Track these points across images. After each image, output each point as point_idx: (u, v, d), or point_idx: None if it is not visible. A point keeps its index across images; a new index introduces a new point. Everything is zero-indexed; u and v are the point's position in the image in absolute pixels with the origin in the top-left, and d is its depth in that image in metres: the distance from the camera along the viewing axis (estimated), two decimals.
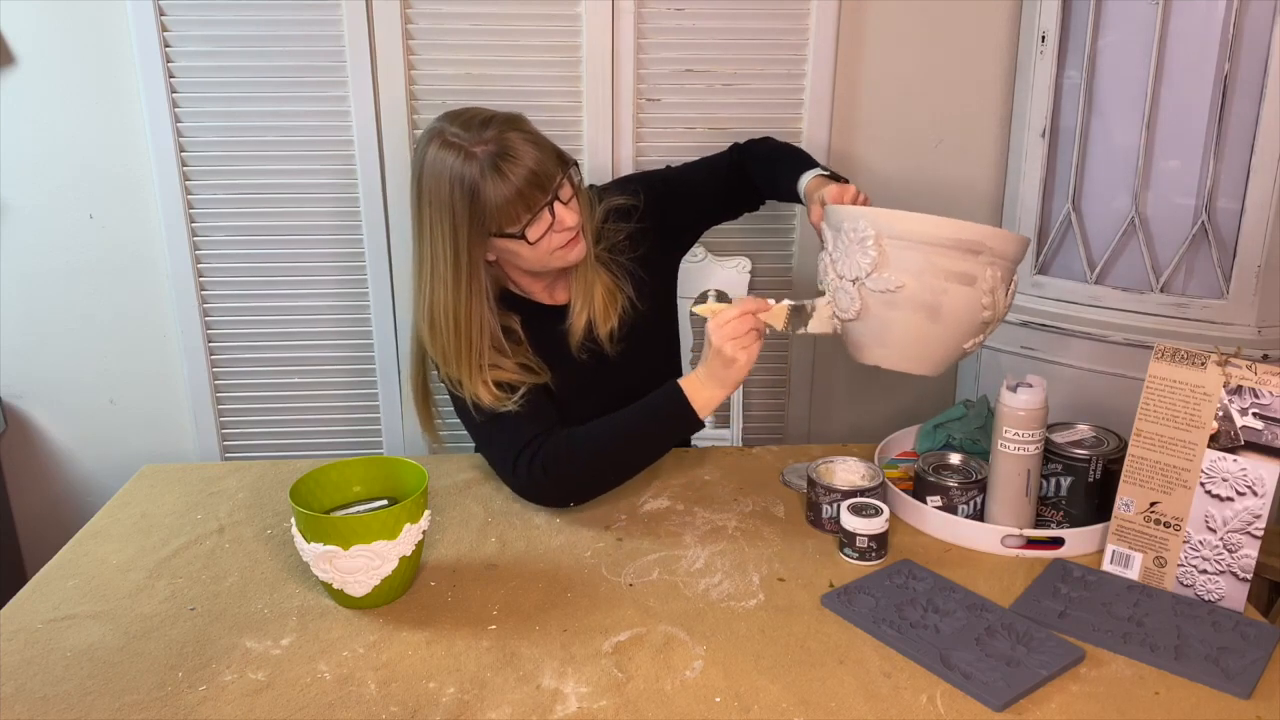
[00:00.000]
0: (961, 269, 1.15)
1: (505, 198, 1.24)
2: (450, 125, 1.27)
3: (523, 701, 0.97)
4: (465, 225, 1.26)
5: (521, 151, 1.25)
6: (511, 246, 1.30)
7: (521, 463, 1.30)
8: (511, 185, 1.24)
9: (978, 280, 1.15)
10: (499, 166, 1.23)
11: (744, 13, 1.84)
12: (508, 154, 1.24)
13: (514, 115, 1.30)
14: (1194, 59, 1.73)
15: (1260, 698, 0.97)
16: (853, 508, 1.22)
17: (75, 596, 1.16)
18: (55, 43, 1.79)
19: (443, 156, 1.25)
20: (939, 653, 1.02)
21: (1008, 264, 1.18)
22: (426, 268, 1.30)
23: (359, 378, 2.01)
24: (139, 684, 1.00)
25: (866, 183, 2.00)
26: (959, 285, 1.15)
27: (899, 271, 1.15)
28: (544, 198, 1.27)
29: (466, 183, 1.24)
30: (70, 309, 1.94)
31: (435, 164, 1.26)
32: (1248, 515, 1.09)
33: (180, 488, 1.43)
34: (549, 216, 1.28)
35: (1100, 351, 1.84)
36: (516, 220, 1.26)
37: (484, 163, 1.23)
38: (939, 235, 1.15)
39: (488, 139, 1.24)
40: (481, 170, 1.23)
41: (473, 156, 1.24)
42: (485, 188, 1.23)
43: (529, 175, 1.25)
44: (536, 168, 1.25)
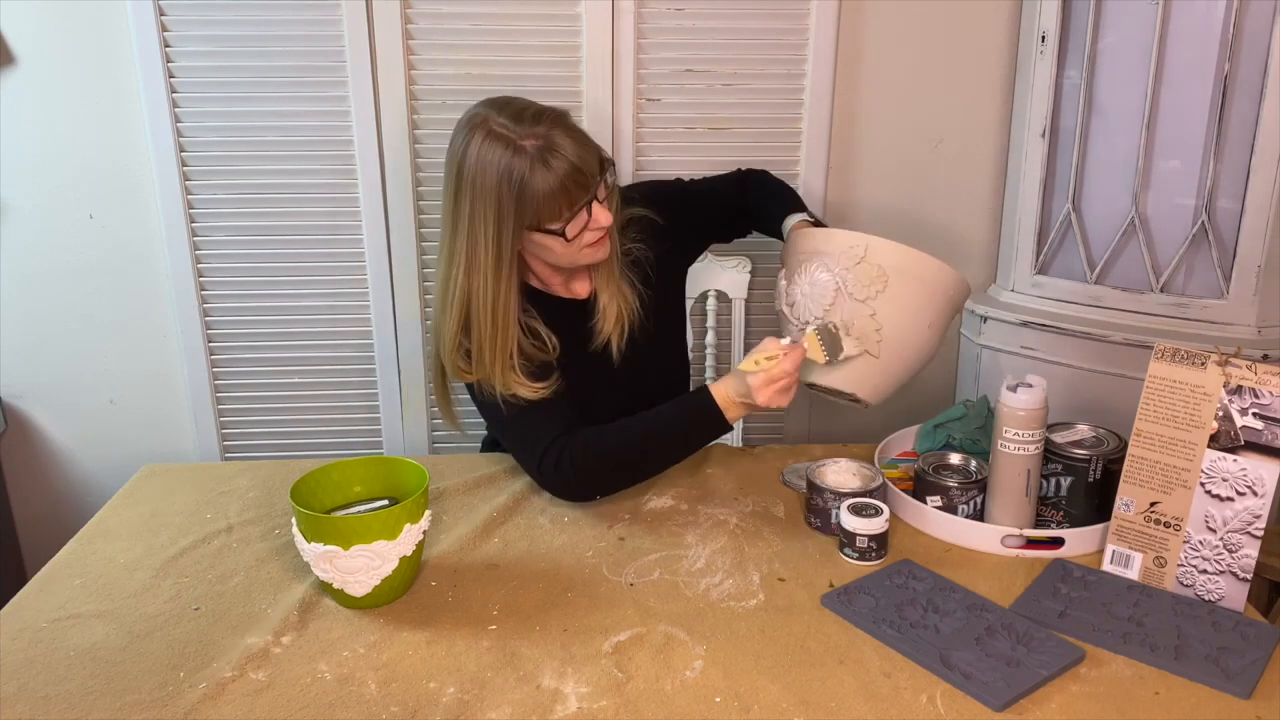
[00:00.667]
0: (911, 298, 1.24)
1: (551, 194, 1.25)
2: (497, 115, 1.27)
3: (523, 701, 0.97)
4: (510, 217, 1.26)
5: (569, 149, 1.26)
6: (546, 242, 1.30)
7: (549, 459, 1.31)
8: (558, 182, 1.25)
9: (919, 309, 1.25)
10: (548, 162, 1.24)
11: (744, 13, 1.84)
12: (556, 151, 1.25)
13: (561, 111, 1.31)
14: (1194, 59, 1.73)
15: (1260, 698, 0.97)
16: (853, 508, 1.22)
17: (80, 595, 1.16)
18: (55, 43, 1.79)
19: (490, 147, 1.25)
20: (939, 653, 1.02)
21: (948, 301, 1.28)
22: (461, 258, 1.30)
23: (359, 378, 2.01)
24: (141, 683, 1.00)
25: (866, 183, 2.00)
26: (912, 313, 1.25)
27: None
28: (585, 196, 1.28)
29: (515, 176, 1.24)
30: (70, 309, 1.94)
31: (482, 154, 1.25)
32: (1248, 515, 1.10)
33: (189, 487, 1.43)
34: (586, 215, 1.29)
35: (1100, 351, 1.84)
36: (558, 216, 1.27)
37: (533, 157, 1.24)
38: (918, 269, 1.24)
39: (538, 134, 1.25)
40: (531, 165, 1.24)
41: (522, 150, 1.24)
42: (533, 182, 1.24)
43: (574, 173, 1.26)
44: (582, 165, 1.26)
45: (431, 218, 1.92)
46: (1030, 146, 1.89)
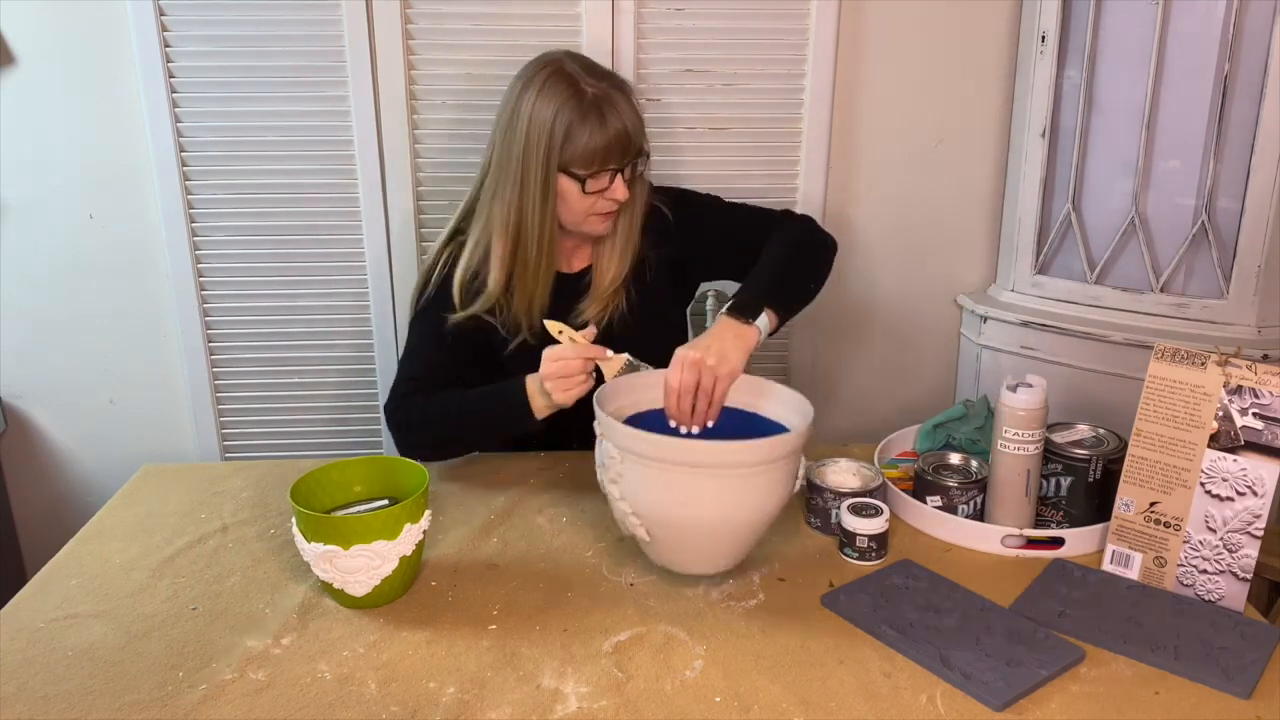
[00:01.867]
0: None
1: (590, 142, 1.33)
2: (570, 61, 1.38)
3: (523, 701, 0.97)
4: (556, 151, 1.34)
5: (622, 112, 1.35)
6: (565, 188, 1.37)
7: (390, 406, 1.42)
8: (601, 134, 1.33)
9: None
10: (601, 112, 1.33)
11: (744, 13, 1.84)
12: (612, 105, 1.34)
13: (628, 84, 1.41)
14: (1194, 59, 1.73)
15: (1260, 698, 0.97)
16: (853, 508, 1.22)
17: (78, 595, 1.16)
18: (55, 43, 1.79)
19: (556, 82, 1.34)
20: (939, 653, 1.02)
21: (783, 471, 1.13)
22: (514, 177, 1.37)
23: (359, 378, 2.01)
24: (140, 683, 1.00)
25: (866, 183, 2.00)
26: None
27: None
28: (617, 162, 1.36)
29: (568, 115, 1.33)
30: (70, 309, 1.94)
31: (547, 87, 1.35)
32: (1248, 515, 1.10)
33: (185, 487, 1.43)
34: (607, 181, 1.36)
35: (1100, 351, 1.84)
36: (588, 165, 1.35)
37: (589, 104, 1.33)
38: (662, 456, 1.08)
39: (601, 87, 1.35)
40: (584, 109, 1.33)
41: (583, 94, 1.34)
42: (580, 125, 1.33)
43: (618, 135, 1.34)
44: (629, 130, 1.35)
45: (432, 217, 1.92)
46: (1030, 146, 1.89)
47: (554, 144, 1.34)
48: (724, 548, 1.12)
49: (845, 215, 2.02)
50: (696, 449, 1.06)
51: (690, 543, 1.11)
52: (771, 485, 1.10)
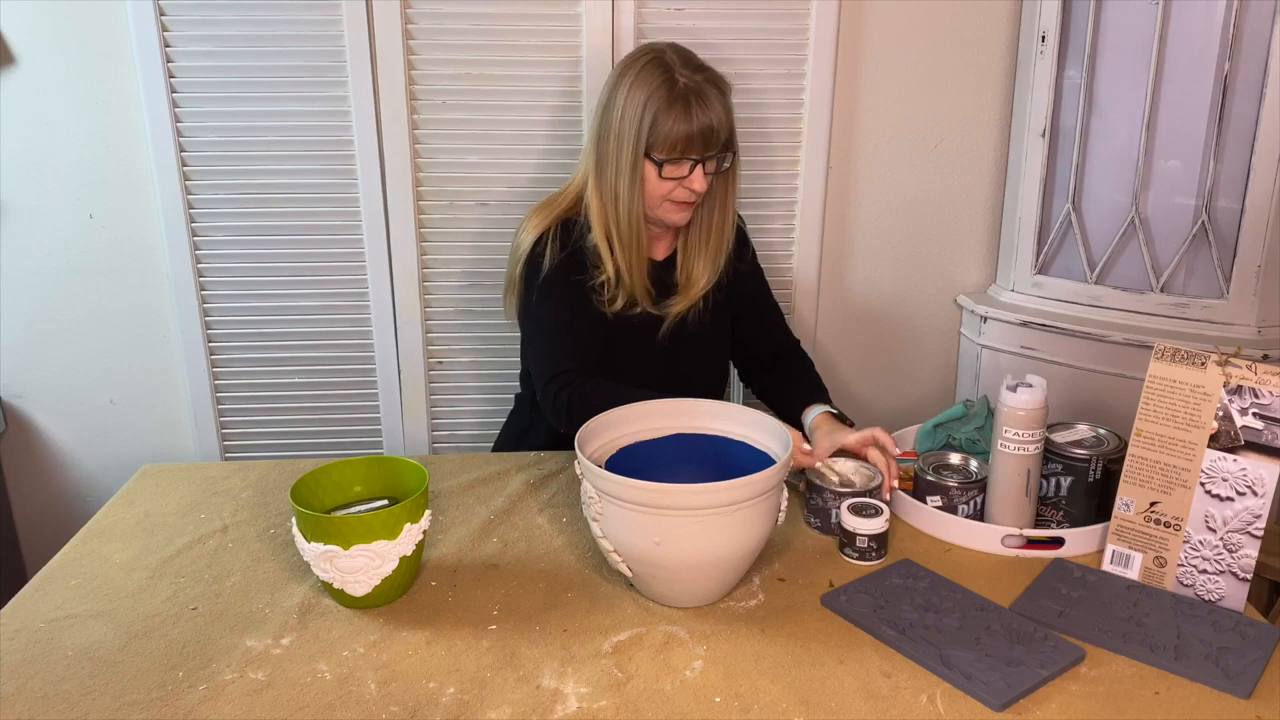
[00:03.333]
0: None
1: (673, 131, 1.37)
2: (672, 51, 1.43)
3: (523, 701, 0.97)
4: (644, 134, 1.39)
5: (711, 105, 1.39)
6: (646, 172, 1.41)
7: (553, 387, 1.44)
8: (684, 124, 1.37)
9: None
10: (689, 102, 1.38)
11: (744, 13, 1.84)
12: (701, 99, 1.38)
13: (726, 82, 1.44)
14: (1194, 59, 1.73)
15: (1260, 698, 0.97)
16: (853, 508, 1.22)
17: (77, 596, 1.16)
18: (55, 43, 1.79)
19: (655, 71, 1.40)
20: (939, 653, 1.02)
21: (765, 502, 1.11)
22: (612, 154, 1.42)
23: (359, 378, 2.00)
24: (140, 683, 1.00)
25: (866, 183, 2.00)
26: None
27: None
28: (697, 154, 1.40)
29: (657, 101, 1.38)
30: (71, 309, 1.94)
31: (646, 73, 1.40)
32: (1248, 515, 1.09)
33: (184, 487, 1.43)
34: (686, 170, 1.40)
35: (1100, 351, 1.84)
36: (666, 152, 1.39)
37: (679, 93, 1.38)
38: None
39: (694, 79, 1.39)
40: (672, 97, 1.37)
41: (675, 83, 1.38)
42: (666, 112, 1.37)
43: (703, 127, 1.38)
44: (713, 124, 1.39)
45: (432, 217, 1.92)
46: (1030, 146, 1.89)
47: (642, 127, 1.38)
48: (706, 584, 1.12)
49: (845, 215, 2.02)
50: (668, 492, 1.05)
51: (672, 580, 1.10)
52: (749, 522, 1.08)
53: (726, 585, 1.13)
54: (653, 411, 1.26)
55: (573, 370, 1.44)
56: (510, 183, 1.89)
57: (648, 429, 1.25)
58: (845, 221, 2.02)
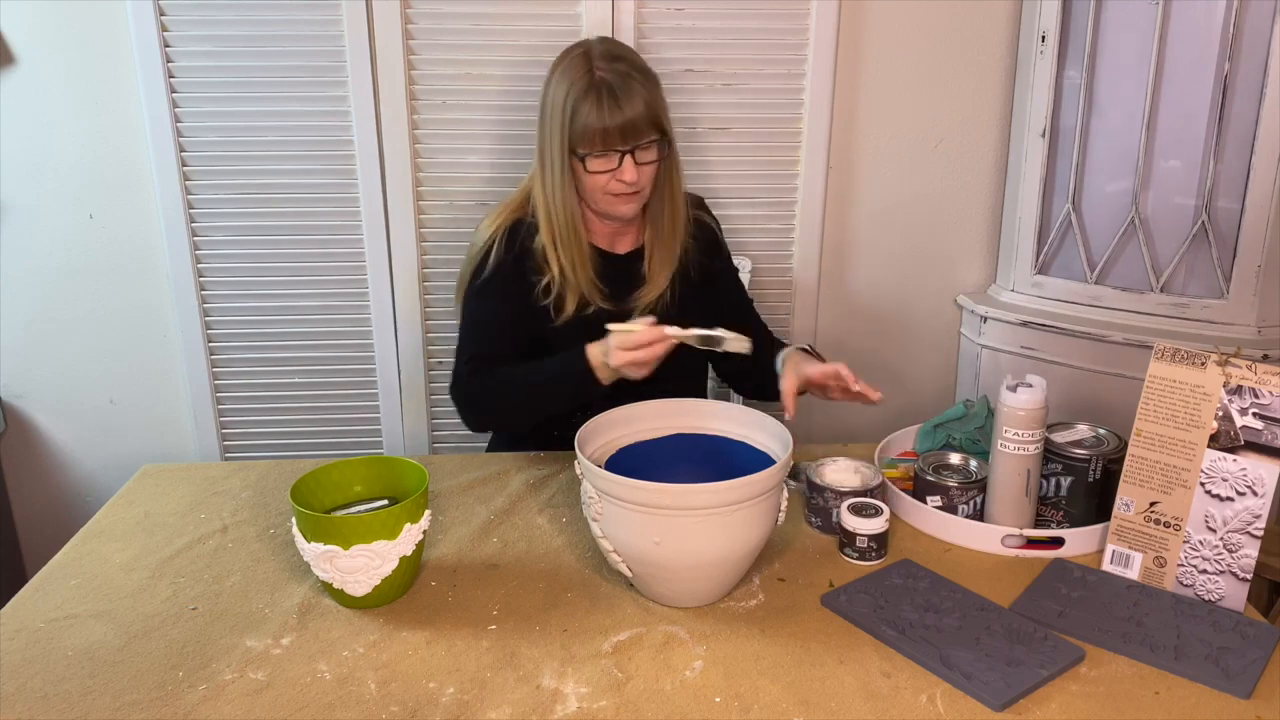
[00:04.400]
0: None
1: (590, 123, 1.35)
2: (597, 45, 1.41)
3: (523, 701, 0.97)
4: (565, 129, 1.38)
5: (628, 99, 1.36)
6: (576, 169, 1.39)
7: (456, 384, 1.46)
8: (600, 117, 1.35)
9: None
10: (603, 95, 1.35)
11: (744, 13, 1.84)
12: (615, 91, 1.35)
13: (647, 70, 1.42)
14: (1194, 59, 1.73)
15: (1260, 698, 0.97)
16: (853, 508, 1.22)
17: (77, 596, 1.16)
18: (55, 43, 1.79)
19: (577, 65, 1.38)
20: (939, 653, 1.02)
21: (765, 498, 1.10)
22: (544, 155, 1.41)
23: (359, 378, 2.00)
24: (139, 683, 1.00)
25: (866, 183, 2.00)
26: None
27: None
28: (619, 145, 1.36)
29: (575, 95, 1.36)
30: (70, 309, 1.94)
31: (570, 69, 1.39)
32: (1248, 515, 1.09)
33: (184, 487, 1.43)
34: (615, 162, 1.37)
35: (1100, 351, 1.84)
36: (587, 146, 1.37)
37: (595, 84, 1.35)
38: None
39: (609, 71, 1.36)
40: (588, 89, 1.35)
41: (592, 76, 1.36)
42: (585, 106, 1.35)
43: (623, 121, 1.35)
44: (630, 118, 1.36)
45: (432, 217, 1.92)
46: (1030, 146, 1.89)
47: (564, 123, 1.37)
48: (706, 584, 1.11)
49: (845, 215, 2.02)
50: (668, 492, 1.04)
51: (672, 580, 1.10)
52: (749, 522, 1.08)
53: (727, 585, 1.13)
54: (652, 412, 1.25)
55: (485, 357, 1.44)
56: (510, 183, 1.89)
57: (648, 429, 1.25)
58: (845, 221, 2.02)
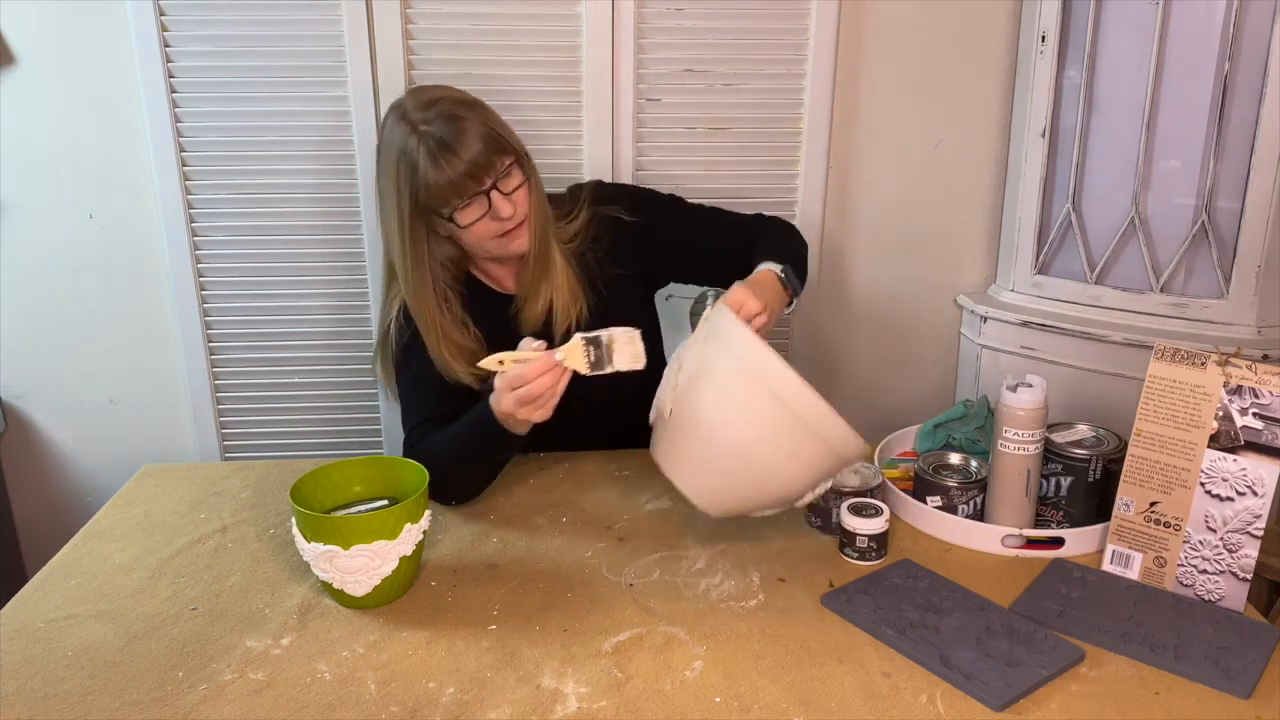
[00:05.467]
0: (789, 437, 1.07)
1: (437, 179, 1.27)
2: (410, 99, 1.32)
3: (523, 701, 0.97)
4: (407, 199, 1.30)
5: (461, 138, 1.27)
6: (449, 228, 1.33)
7: (407, 452, 1.35)
8: (443, 170, 1.26)
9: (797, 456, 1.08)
10: (433, 149, 1.26)
11: (744, 13, 1.84)
12: (446, 138, 1.27)
13: (470, 100, 1.34)
14: (1194, 59, 1.73)
15: (1260, 698, 0.97)
16: (853, 508, 1.22)
17: (77, 596, 1.16)
18: (55, 43, 1.79)
19: (397, 130, 1.30)
20: (939, 653, 1.02)
21: (835, 461, 1.10)
22: (390, 234, 1.35)
23: (359, 378, 2.00)
24: (139, 683, 1.00)
25: (866, 183, 2.00)
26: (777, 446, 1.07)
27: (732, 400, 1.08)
28: (476, 186, 1.29)
29: (408, 158, 1.28)
30: (70, 309, 1.94)
31: (389, 136, 1.31)
32: (1248, 515, 1.09)
33: (184, 487, 1.43)
34: (485, 203, 1.30)
35: (1100, 351, 1.84)
36: (448, 203, 1.29)
37: (425, 141, 1.27)
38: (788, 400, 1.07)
39: (431, 119, 1.28)
40: (420, 148, 1.27)
41: (416, 133, 1.27)
42: (422, 166, 1.27)
43: (464, 163, 1.27)
44: (474, 156, 1.27)
45: None
46: (1030, 146, 1.89)
47: (413, 193, 1.28)
48: (720, 480, 1.08)
49: (845, 215, 2.02)
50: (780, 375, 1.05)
51: (693, 448, 1.08)
52: (795, 452, 1.06)
53: (725, 500, 1.10)
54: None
55: (429, 421, 1.36)
56: None
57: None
58: (845, 221, 2.02)
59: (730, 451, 1.08)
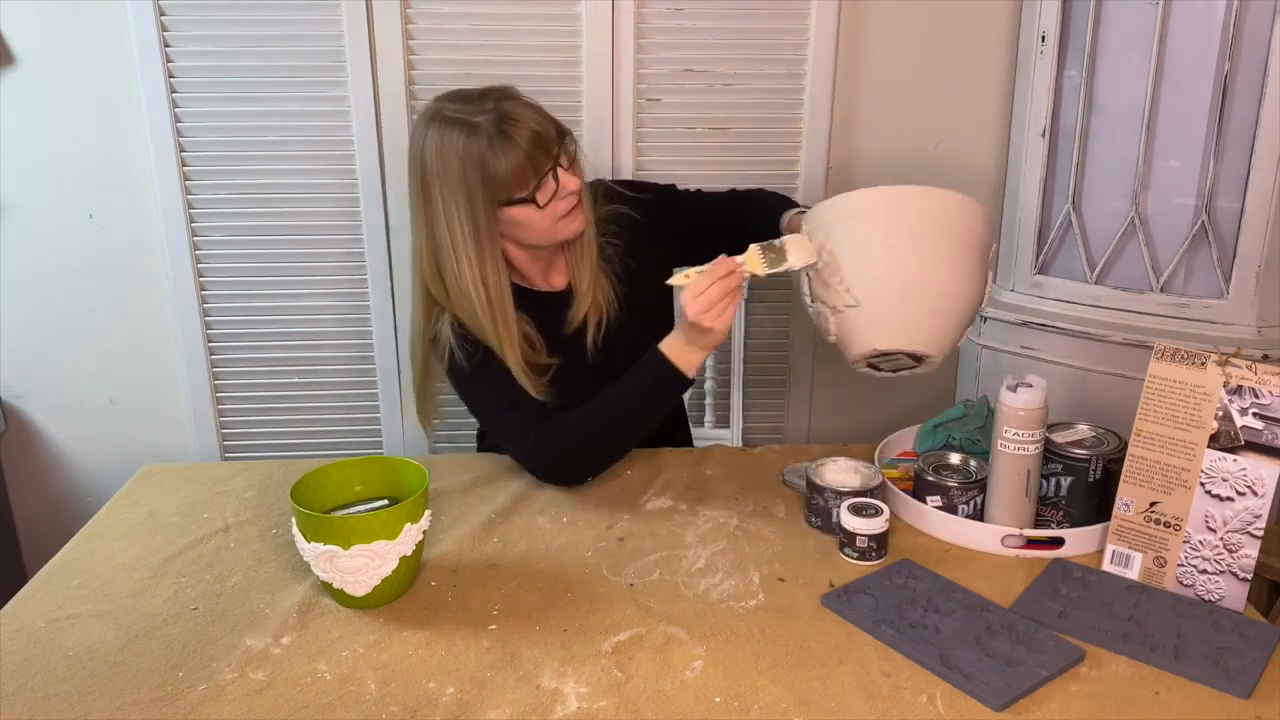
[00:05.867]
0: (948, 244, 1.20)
1: (514, 162, 1.27)
2: (448, 104, 1.32)
3: (523, 701, 0.97)
4: (480, 197, 1.29)
5: (522, 115, 1.29)
6: (520, 216, 1.32)
7: (538, 450, 1.35)
8: (519, 148, 1.27)
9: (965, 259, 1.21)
10: (504, 131, 1.27)
11: (744, 13, 1.84)
12: (509, 118, 1.28)
13: (507, 87, 1.35)
14: (1194, 59, 1.73)
15: (1260, 698, 0.97)
16: (853, 508, 1.22)
17: (79, 595, 1.16)
18: (55, 43, 1.79)
19: (447, 134, 1.29)
20: (939, 653, 1.02)
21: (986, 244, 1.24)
22: (447, 248, 1.32)
23: (359, 378, 2.01)
24: (140, 683, 1.00)
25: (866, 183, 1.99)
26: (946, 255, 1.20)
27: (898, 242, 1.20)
28: (548, 160, 1.30)
29: (476, 154, 1.27)
30: (70, 309, 1.94)
31: (441, 142, 1.29)
32: (1248, 515, 1.10)
33: (188, 487, 1.43)
34: (553, 182, 1.31)
35: (1100, 351, 1.84)
36: (525, 184, 1.29)
37: (489, 131, 1.27)
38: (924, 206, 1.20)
39: (488, 109, 1.29)
40: (488, 139, 1.27)
41: (477, 127, 1.27)
42: (494, 156, 1.27)
43: (533, 136, 1.28)
44: (539, 129, 1.29)
45: None
46: (1030, 146, 1.89)
47: (481, 186, 1.28)
48: (925, 307, 1.19)
49: None
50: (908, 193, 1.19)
51: (896, 298, 1.18)
52: (950, 248, 1.19)
53: (936, 328, 1.22)
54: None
55: (541, 408, 1.36)
56: None
57: None
58: None
59: (918, 285, 1.19)
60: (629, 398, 1.35)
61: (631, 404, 1.36)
